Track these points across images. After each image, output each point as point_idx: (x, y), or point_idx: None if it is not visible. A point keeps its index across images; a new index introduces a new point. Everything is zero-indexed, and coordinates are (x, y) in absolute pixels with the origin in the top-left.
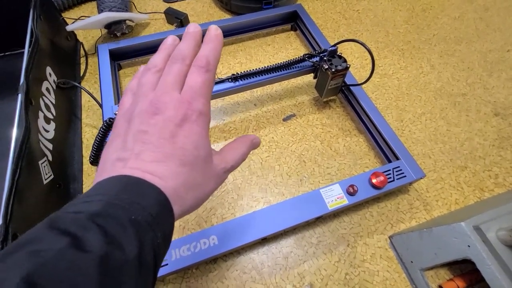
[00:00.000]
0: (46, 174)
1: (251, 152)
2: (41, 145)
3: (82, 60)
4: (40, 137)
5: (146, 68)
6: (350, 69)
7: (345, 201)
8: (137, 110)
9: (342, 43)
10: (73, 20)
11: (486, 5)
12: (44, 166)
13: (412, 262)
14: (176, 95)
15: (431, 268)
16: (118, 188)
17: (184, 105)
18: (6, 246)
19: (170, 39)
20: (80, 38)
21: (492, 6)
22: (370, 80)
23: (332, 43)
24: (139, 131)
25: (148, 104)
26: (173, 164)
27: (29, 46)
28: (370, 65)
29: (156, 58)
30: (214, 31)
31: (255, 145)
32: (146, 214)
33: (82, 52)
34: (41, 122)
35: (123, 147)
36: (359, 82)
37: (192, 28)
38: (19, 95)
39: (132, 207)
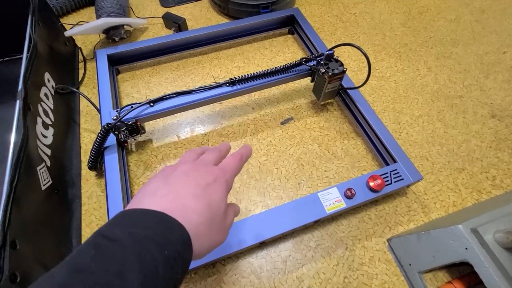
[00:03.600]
0: (45, 180)
1: None
2: (40, 150)
3: (81, 65)
4: (38, 142)
5: (187, 151)
6: (347, 72)
7: (343, 204)
8: (180, 166)
9: (339, 46)
10: (72, 26)
11: (482, 8)
12: (43, 172)
13: (410, 265)
14: (214, 166)
15: (430, 271)
16: (154, 222)
17: (218, 171)
18: (4, 253)
19: (205, 146)
20: (79, 43)
21: (488, 9)
22: (367, 83)
23: (329, 46)
24: (183, 173)
25: (192, 164)
26: (201, 203)
27: (27, 52)
28: (367, 69)
29: (196, 148)
30: (249, 145)
31: (237, 212)
32: (174, 250)
33: (80, 57)
34: (39, 127)
35: (164, 184)
36: (356, 85)
37: (227, 143)
38: (17, 101)
39: (165, 243)
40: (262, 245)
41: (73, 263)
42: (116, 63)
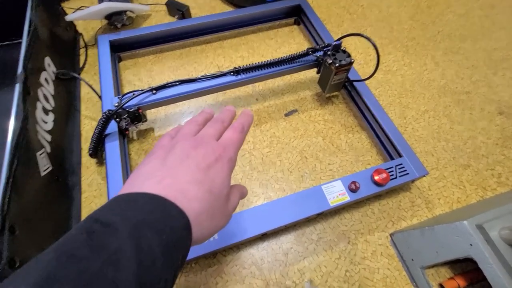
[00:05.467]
0: (44, 166)
1: (252, 147)
2: (39, 136)
3: (82, 51)
4: (38, 128)
5: (188, 122)
6: (353, 65)
7: (346, 197)
8: (179, 144)
9: (346, 39)
10: (73, 10)
11: (492, 3)
12: (42, 158)
13: (413, 260)
14: (215, 142)
15: (432, 267)
16: (151, 206)
17: (220, 149)
18: (3, 238)
19: (209, 109)
20: (80, 29)
21: (498, 4)
22: (373, 76)
23: (336, 39)
24: (182, 153)
25: (192, 141)
26: (202, 189)
27: (27, 36)
28: (374, 62)
29: (198, 117)
30: (248, 111)
31: (243, 195)
32: (174, 236)
33: (81, 43)
34: (39, 112)
35: (161, 166)
36: (362, 78)
37: (231, 107)
38: (17, 85)
39: (164, 228)
40: (264, 236)
41: (63, 249)
42: (118, 49)
